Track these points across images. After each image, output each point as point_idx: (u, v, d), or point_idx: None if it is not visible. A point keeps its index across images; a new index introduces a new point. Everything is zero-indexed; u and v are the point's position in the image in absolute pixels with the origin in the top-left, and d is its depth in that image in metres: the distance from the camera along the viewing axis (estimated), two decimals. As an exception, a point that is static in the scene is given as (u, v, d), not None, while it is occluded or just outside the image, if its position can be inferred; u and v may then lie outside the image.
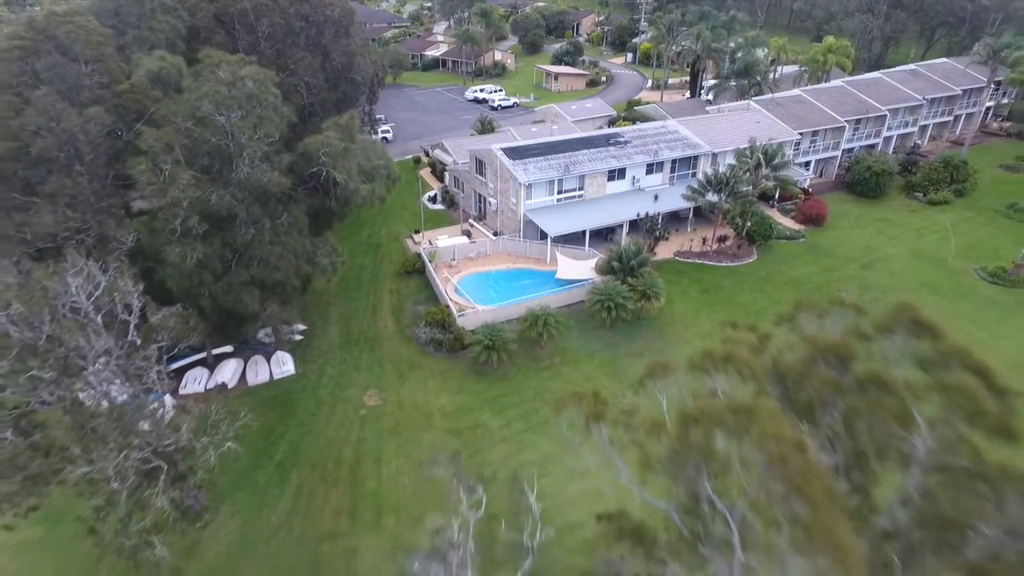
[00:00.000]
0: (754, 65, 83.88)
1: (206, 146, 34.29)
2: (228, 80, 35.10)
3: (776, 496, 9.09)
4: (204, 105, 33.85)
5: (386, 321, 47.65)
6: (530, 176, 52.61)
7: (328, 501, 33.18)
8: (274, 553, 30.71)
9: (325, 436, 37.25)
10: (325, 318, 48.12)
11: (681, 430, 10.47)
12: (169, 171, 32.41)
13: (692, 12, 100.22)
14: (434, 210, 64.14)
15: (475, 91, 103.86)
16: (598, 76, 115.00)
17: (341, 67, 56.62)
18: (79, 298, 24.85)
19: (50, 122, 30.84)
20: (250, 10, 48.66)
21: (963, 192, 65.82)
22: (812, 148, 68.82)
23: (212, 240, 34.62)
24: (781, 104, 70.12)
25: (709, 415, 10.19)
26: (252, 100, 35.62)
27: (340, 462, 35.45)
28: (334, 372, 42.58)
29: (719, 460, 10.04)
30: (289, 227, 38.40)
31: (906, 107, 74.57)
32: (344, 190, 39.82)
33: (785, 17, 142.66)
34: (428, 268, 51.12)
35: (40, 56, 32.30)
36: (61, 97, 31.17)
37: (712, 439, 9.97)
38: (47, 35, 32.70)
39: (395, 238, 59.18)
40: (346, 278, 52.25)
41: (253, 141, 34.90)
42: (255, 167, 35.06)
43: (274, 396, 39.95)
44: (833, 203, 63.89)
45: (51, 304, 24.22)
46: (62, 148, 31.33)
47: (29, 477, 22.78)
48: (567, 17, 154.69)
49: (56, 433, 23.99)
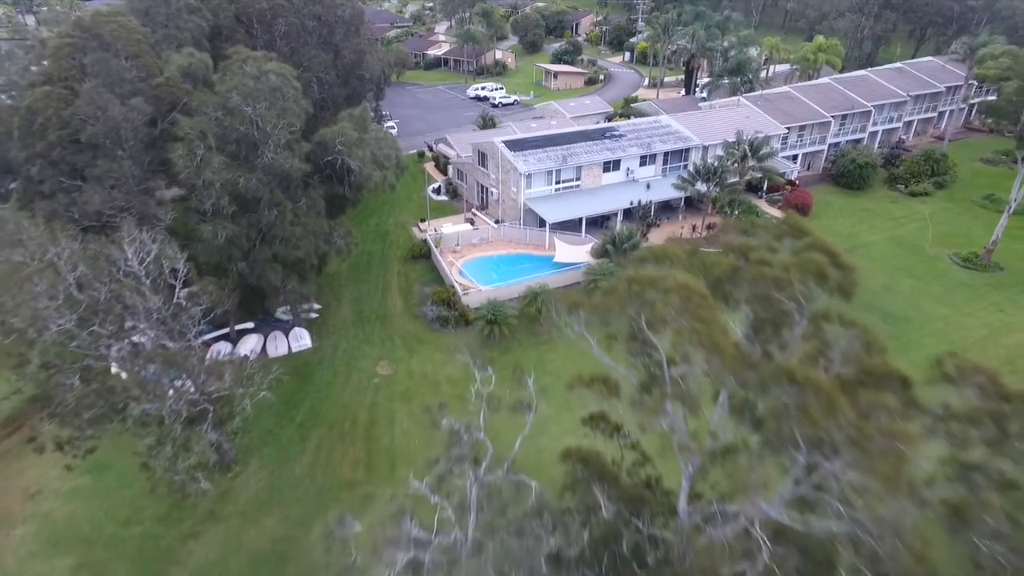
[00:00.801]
0: (746, 63, 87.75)
1: (235, 134, 37.99)
2: (254, 74, 38.81)
3: (683, 320, 13.33)
4: (233, 97, 37.56)
5: (395, 301, 51.34)
6: (530, 167, 56.32)
7: (346, 456, 36.86)
8: (299, 499, 34.36)
9: (341, 401, 40.96)
10: (338, 298, 51.80)
11: (627, 288, 14.39)
12: (203, 155, 36.11)
13: (688, 12, 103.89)
14: (438, 201, 67.85)
15: (476, 89, 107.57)
16: (596, 75, 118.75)
17: (351, 64, 60.36)
18: (133, 264, 28.53)
19: (97, 111, 34.57)
20: (267, 10, 52.45)
21: (943, 184, 69.53)
22: (800, 142, 72.51)
23: (240, 220, 38.37)
24: (770, 100, 73.85)
25: (644, 278, 14.15)
26: (275, 93, 39.29)
27: (356, 423, 39.14)
28: (348, 346, 46.28)
29: (649, 302, 14.03)
30: (308, 210, 42.15)
31: (891, 103, 78.26)
32: (358, 176, 43.61)
33: (780, 17, 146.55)
34: (434, 252, 54.82)
35: (87, 52, 36.02)
36: (107, 89, 34.88)
37: (645, 290, 14.00)
38: (93, 33, 36.42)
39: (402, 227, 62.82)
40: (357, 263, 55.96)
41: (277, 130, 38.64)
42: (278, 154, 38.75)
43: (293, 367, 43.54)
44: (819, 194, 67.60)
45: (110, 268, 27.89)
46: (108, 135, 35.07)
47: (94, 417, 26.41)
48: (566, 17, 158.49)
49: (117, 380, 27.60)
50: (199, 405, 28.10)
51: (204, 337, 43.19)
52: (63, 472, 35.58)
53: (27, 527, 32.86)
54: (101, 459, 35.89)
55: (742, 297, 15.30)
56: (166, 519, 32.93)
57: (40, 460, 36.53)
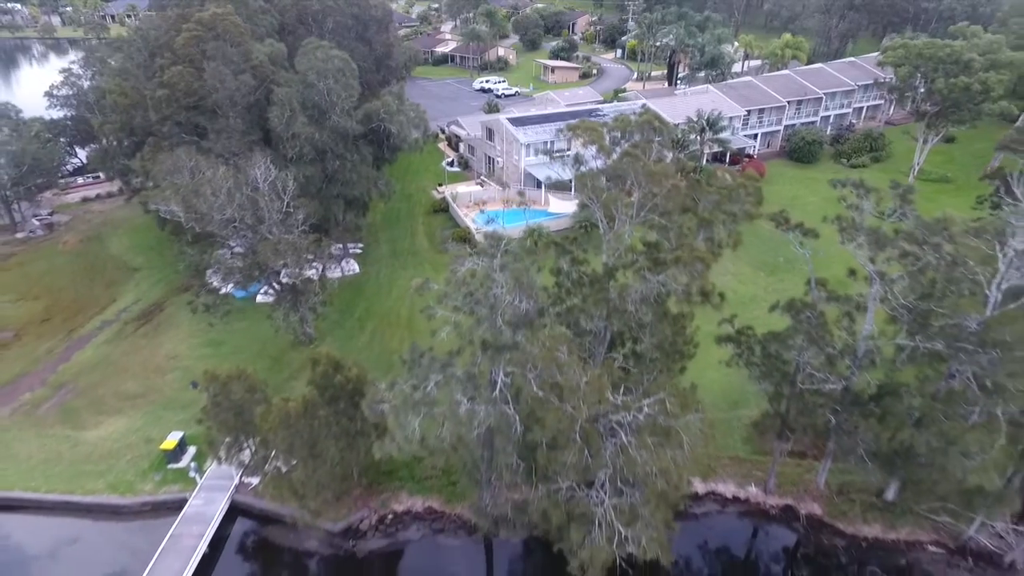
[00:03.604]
0: (719, 58, 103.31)
1: (311, 101, 53.01)
2: (324, 58, 53.91)
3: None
4: (310, 74, 52.65)
5: (422, 241, 66.40)
6: (528, 138, 71.39)
7: (394, 336, 51.70)
8: (362, 360, 49.04)
9: (387, 303, 55.92)
10: (376, 240, 66.82)
11: (573, 133, 29.44)
12: (290, 116, 51.10)
13: (672, 13, 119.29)
14: (451, 172, 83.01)
15: (481, 82, 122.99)
16: (590, 69, 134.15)
17: (382, 55, 75.55)
18: (259, 181, 43.52)
19: (218, 84, 49.60)
20: (320, 11, 67.70)
21: (879, 159, 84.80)
22: (759, 123, 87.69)
23: (314, 165, 53.36)
24: (734, 88, 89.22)
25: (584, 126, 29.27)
26: (339, 72, 54.36)
27: (400, 316, 54.02)
28: (388, 271, 61.27)
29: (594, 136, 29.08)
30: (360, 162, 57.19)
31: (842, 91, 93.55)
32: (395, 139, 58.74)
33: (761, 17, 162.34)
34: (452, 205, 69.90)
35: (206, 41, 51.04)
36: (224, 67, 49.88)
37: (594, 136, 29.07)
38: (210, 27, 51.42)
39: (423, 191, 77.96)
40: (388, 215, 71.11)
41: (340, 99, 53.67)
42: (341, 117, 53.78)
43: (349, 283, 58.49)
44: (774, 167, 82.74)
45: (246, 183, 42.92)
46: (224, 101, 50.13)
47: (244, 277, 41.37)
48: (564, 17, 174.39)
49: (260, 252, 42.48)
50: (305, 278, 43.20)
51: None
52: (192, 342, 51.07)
53: (173, 374, 47.67)
54: (215, 338, 51.24)
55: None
56: (270, 370, 47.58)
57: (175, 334, 51.98)
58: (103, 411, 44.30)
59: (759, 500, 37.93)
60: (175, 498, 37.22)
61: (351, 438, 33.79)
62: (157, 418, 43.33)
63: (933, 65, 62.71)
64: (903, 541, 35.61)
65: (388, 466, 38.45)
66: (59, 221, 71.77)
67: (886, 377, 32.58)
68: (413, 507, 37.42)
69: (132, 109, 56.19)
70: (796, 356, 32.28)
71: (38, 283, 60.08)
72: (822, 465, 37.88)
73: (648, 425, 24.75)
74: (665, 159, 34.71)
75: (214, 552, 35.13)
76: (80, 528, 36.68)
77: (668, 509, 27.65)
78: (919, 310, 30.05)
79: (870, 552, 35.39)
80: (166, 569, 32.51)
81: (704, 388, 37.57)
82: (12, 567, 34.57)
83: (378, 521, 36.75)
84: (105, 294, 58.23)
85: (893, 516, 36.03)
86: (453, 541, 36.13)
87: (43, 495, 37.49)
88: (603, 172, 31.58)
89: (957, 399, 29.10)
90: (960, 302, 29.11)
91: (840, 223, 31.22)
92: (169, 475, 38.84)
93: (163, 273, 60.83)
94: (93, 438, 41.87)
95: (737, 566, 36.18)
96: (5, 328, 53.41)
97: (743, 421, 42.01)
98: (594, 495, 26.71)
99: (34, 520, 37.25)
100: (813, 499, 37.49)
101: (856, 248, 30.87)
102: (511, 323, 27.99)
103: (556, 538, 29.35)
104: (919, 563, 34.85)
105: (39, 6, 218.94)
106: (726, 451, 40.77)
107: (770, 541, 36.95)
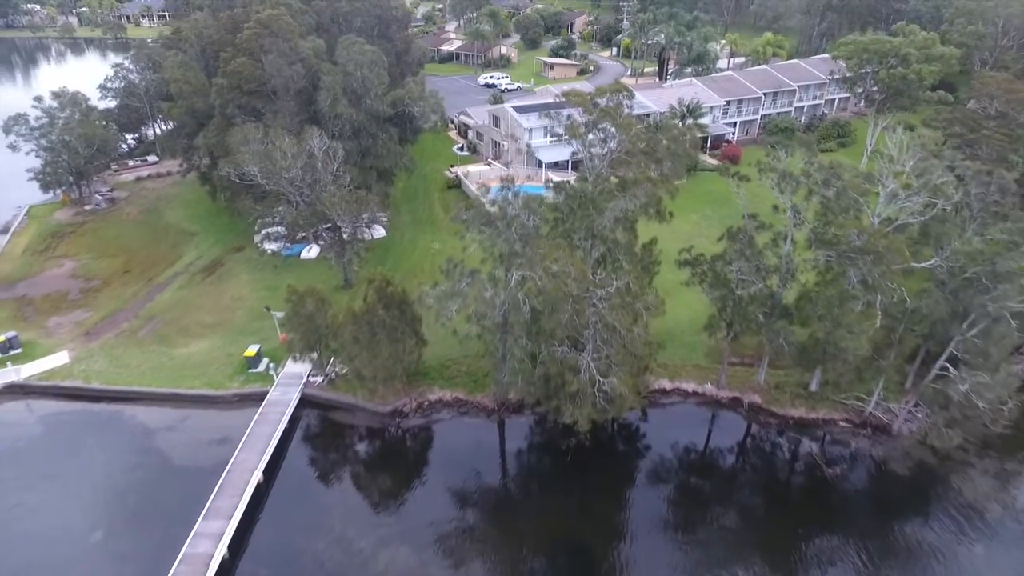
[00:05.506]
0: (705, 55, 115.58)
1: (350, 87, 64.87)
2: (359, 52, 65.83)
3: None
4: (349, 64, 64.54)
5: (439, 212, 78.23)
6: (531, 123, 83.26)
7: (418, 285, 63.34)
8: (395, 300, 60.71)
9: (412, 259, 67.71)
10: (398, 212, 78.63)
11: (566, 99, 41.25)
12: (333, 99, 62.93)
13: (662, 13, 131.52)
14: (461, 156, 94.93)
15: (486, 78, 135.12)
16: (587, 66, 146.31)
17: (401, 51, 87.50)
18: (316, 149, 55.35)
19: (276, 72, 61.50)
20: (349, 12, 79.75)
21: (845, 144, 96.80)
22: (739, 113, 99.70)
23: (352, 141, 65.21)
24: (716, 81, 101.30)
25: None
26: (372, 64, 66.26)
27: (423, 270, 65.67)
28: (411, 235, 73.10)
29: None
30: (389, 139, 69.08)
31: (814, 84, 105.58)
32: (417, 122, 70.72)
33: (750, 17, 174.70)
34: (464, 183, 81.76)
35: (264, 37, 62.93)
36: (279, 59, 61.75)
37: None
38: (266, 25, 63.32)
39: (436, 171, 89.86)
40: (406, 191, 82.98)
41: (374, 86, 65.56)
42: (374, 101, 65.66)
43: (378, 244, 70.21)
44: (751, 152, 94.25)
45: (305, 151, 54.77)
46: (280, 87, 62.06)
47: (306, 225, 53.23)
48: (563, 17, 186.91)
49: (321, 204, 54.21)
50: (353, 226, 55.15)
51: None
52: (252, 287, 62.75)
53: (241, 311, 59.34)
54: (271, 284, 62.89)
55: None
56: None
57: (236, 282, 63.73)
58: (189, 335, 56.02)
59: (713, 393, 49.70)
60: (258, 391, 48.88)
61: (399, 336, 45.52)
62: (233, 340, 54.98)
63: (878, 59, 74.67)
64: (821, 419, 47.38)
65: (423, 367, 50.22)
66: (119, 196, 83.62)
67: (802, 288, 44.37)
68: (443, 397, 49.19)
69: (194, 96, 68.12)
70: (734, 269, 44.01)
71: (113, 244, 71.93)
72: (760, 366, 49.65)
73: (618, 297, 36.54)
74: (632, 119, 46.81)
75: (292, 426, 46.77)
76: (187, 413, 48.39)
77: (637, 368, 39.44)
78: (820, 229, 41.92)
79: (796, 427, 47.15)
80: (261, 432, 44.14)
81: (676, 320, 50.37)
82: (140, 435, 46.24)
83: (416, 406, 48.51)
84: (171, 252, 70.10)
85: (814, 401, 47.85)
86: (475, 420, 47.91)
87: (156, 388, 49.23)
88: (586, 124, 43.80)
89: (847, 296, 40.85)
90: (847, 223, 40.94)
91: (759, 165, 42.90)
92: (251, 377, 50.50)
93: (218, 236, 72.70)
94: (184, 354, 53.58)
95: (697, 439, 47.82)
96: (94, 278, 65.20)
97: (706, 343, 53.70)
98: (581, 356, 38.43)
99: (148, 408, 48.85)
100: (754, 392, 49.25)
101: (771, 185, 42.52)
102: (521, 237, 39.78)
103: (552, 408, 41.16)
104: (832, 434, 46.62)
105: (56, 7, 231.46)
106: (690, 361, 52.51)
107: (721, 421, 48.62)
